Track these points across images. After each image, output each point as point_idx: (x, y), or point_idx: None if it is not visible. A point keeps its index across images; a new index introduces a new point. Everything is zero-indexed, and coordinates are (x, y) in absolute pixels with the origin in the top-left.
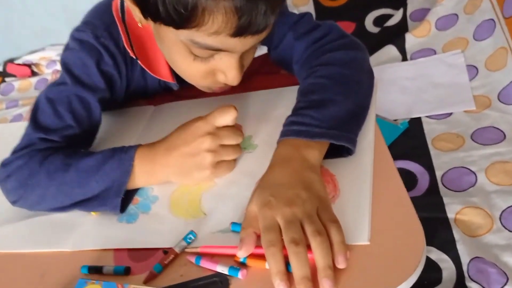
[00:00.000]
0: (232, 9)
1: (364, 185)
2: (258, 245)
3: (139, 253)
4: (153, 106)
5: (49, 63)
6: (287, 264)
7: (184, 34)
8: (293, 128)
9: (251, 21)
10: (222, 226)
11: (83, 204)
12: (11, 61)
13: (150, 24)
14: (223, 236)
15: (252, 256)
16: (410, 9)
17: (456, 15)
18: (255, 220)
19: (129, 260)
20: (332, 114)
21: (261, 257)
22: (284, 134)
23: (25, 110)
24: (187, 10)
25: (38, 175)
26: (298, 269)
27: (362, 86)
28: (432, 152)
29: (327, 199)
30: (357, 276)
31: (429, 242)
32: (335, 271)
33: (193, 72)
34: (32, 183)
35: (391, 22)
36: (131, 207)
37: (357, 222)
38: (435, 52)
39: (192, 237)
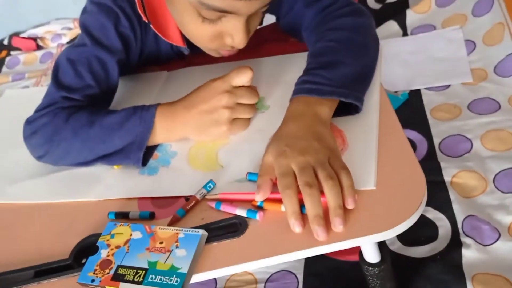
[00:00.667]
0: None
1: (370, 139)
2: (274, 191)
3: (162, 201)
4: (166, 71)
5: (54, 37)
6: (301, 206)
7: None
8: (305, 87)
9: None
10: (239, 176)
11: (107, 158)
12: (16, 34)
13: None
14: (240, 185)
15: (268, 200)
16: None
17: None
18: (271, 168)
19: (152, 207)
20: (341, 74)
21: (277, 201)
22: (297, 92)
23: (32, 83)
24: None
25: (63, 131)
26: (312, 208)
27: (369, 50)
28: (431, 121)
29: (337, 149)
30: (364, 216)
31: (427, 203)
32: (345, 212)
33: (201, 34)
34: (58, 139)
35: None
36: (152, 161)
37: (364, 169)
38: (434, 28)
39: (212, 186)
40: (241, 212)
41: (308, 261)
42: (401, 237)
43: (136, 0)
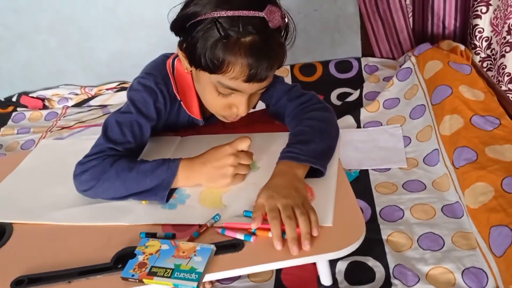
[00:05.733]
0: (246, 64)
1: (330, 194)
2: (263, 223)
3: (180, 227)
4: (179, 137)
5: (61, 99)
6: (282, 233)
7: (214, 77)
8: (288, 155)
9: (257, 72)
10: (237, 213)
11: (138, 194)
12: (25, 94)
13: (192, 70)
14: (239, 219)
15: (260, 229)
16: (365, 90)
17: (398, 99)
18: (263, 207)
19: (173, 231)
20: (312, 149)
21: (266, 229)
22: (282, 158)
23: (37, 137)
24: (219, 62)
25: (109, 172)
26: (290, 233)
27: (331, 134)
28: (375, 194)
29: (308, 198)
30: (323, 242)
31: (369, 253)
32: (311, 238)
33: (216, 104)
34: (103, 178)
35: (350, 99)
36: (171, 200)
37: (325, 212)
38: (381, 124)
39: (218, 218)
40: (240, 236)
41: None
42: (348, 278)
43: (173, 84)
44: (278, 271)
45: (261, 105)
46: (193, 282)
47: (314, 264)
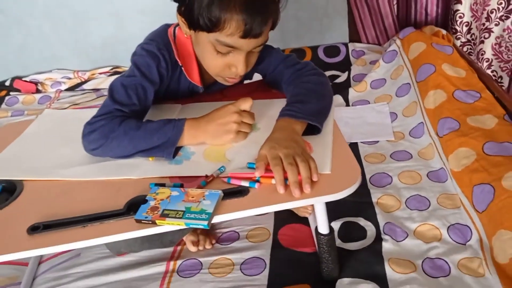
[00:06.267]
0: (241, 19)
1: (327, 147)
2: (266, 172)
3: (188, 178)
4: (180, 104)
5: (54, 83)
6: (285, 179)
7: (212, 36)
8: (286, 112)
9: (252, 27)
10: (241, 166)
11: (146, 151)
12: (18, 78)
13: (191, 34)
14: (243, 171)
15: (263, 177)
16: (353, 72)
17: (385, 79)
18: (265, 157)
19: (181, 182)
20: (309, 108)
21: (269, 177)
22: (281, 115)
23: (31, 119)
24: (215, 19)
25: (117, 131)
26: (292, 177)
27: (326, 96)
28: (364, 163)
29: (307, 148)
30: (322, 187)
31: (360, 215)
32: (312, 183)
33: (215, 64)
34: (112, 136)
35: (339, 80)
36: (177, 157)
37: (323, 162)
38: (369, 103)
39: (223, 169)
40: (245, 184)
41: (274, 251)
42: (341, 236)
43: (174, 50)
44: (275, 233)
45: (257, 78)
46: (204, 221)
47: (308, 226)
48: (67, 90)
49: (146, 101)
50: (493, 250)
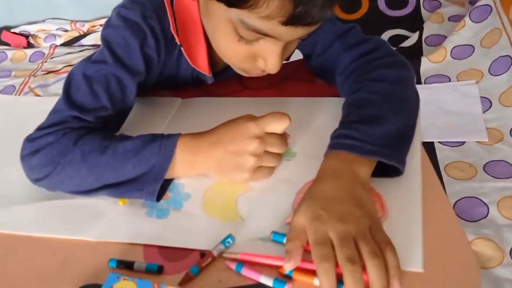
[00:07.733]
0: None
1: (414, 208)
2: (304, 259)
3: (171, 252)
4: (180, 98)
5: (48, 37)
6: (338, 283)
7: (235, 13)
8: (345, 142)
9: (306, 11)
10: (262, 234)
11: (115, 188)
12: (7, 29)
13: None
14: (264, 245)
15: (299, 270)
16: (426, 33)
17: (473, 46)
18: (303, 232)
19: (160, 258)
20: (383, 132)
21: (308, 272)
22: (334, 146)
23: (18, 82)
24: None
25: (71, 154)
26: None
27: (410, 106)
28: (445, 179)
29: (379, 219)
30: None
31: None
32: None
33: (234, 53)
34: (63, 162)
35: (406, 44)
36: (162, 202)
37: (409, 246)
38: (449, 80)
39: (231, 241)
40: (267, 281)
41: None
42: None
43: (170, 20)
44: None
45: (297, 55)
46: None
47: None
48: (63, 45)
49: (124, 101)
50: None
